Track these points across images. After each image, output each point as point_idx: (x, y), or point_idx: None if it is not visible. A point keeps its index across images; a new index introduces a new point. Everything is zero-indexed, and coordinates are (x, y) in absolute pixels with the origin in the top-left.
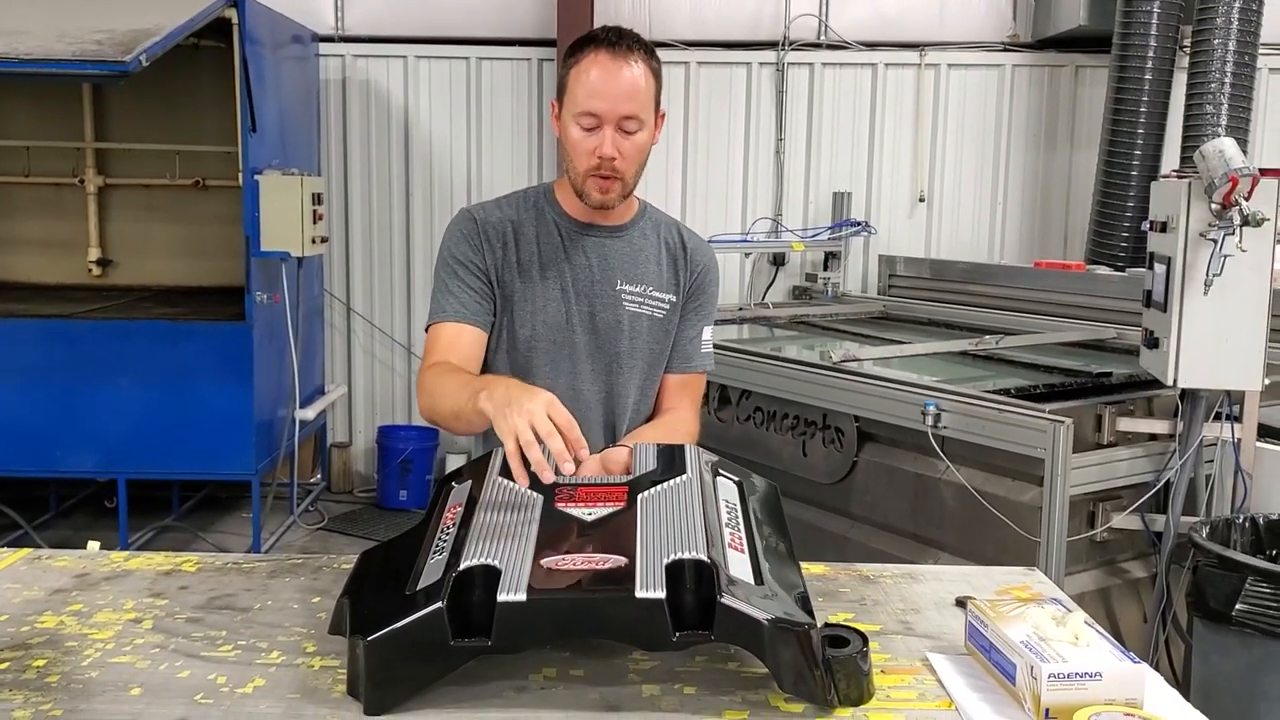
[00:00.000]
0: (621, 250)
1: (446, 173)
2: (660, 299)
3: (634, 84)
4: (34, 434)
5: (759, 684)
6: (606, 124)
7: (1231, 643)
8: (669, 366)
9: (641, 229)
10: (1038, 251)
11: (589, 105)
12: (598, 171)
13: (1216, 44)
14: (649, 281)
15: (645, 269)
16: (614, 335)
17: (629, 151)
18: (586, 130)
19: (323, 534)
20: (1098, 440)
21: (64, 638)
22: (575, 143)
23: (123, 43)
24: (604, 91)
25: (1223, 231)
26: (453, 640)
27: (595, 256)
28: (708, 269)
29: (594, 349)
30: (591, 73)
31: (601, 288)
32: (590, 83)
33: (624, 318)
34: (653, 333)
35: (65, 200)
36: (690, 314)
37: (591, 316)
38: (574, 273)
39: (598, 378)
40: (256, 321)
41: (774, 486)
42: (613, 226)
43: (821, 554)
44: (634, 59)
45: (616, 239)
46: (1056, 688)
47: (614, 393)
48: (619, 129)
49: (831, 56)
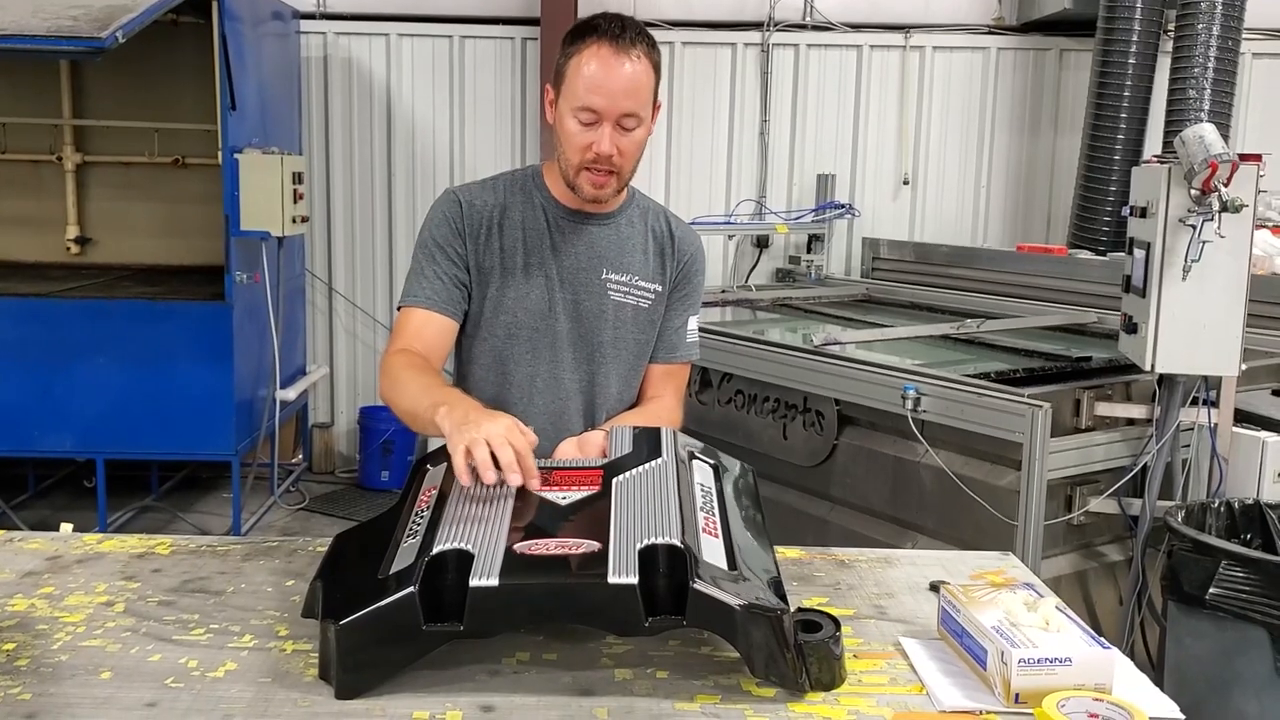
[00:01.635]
0: (609, 238)
1: (429, 152)
2: (646, 289)
3: (635, 80)
4: (12, 413)
5: (731, 668)
6: (605, 121)
7: (1205, 626)
8: (654, 356)
9: (629, 217)
10: (1021, 235)
11: (588, 101)
12: (592, 166)
13: (1200, 29)
14: (635, 271)
15: (632, 258)
16: (598, 324)
17: (627, 148)
18: (584, 125)
19: (304, 514)
20: (1076, 425)
21: (35, 621)
22: (571, 135)
23: (99, 19)
24: (605, 87)
25: (1202, 217)
26: (425, 625)
27: (582, 244)
28: (695, 258)
29: (577, 337)
30: (592, 66)
31: (587, 276)
32: (590, 77)
33: (608, 307)
34: (637, 322)
35: (43, 178)
36: (676, 303)
37: (575, 305)
38: (559, 260)
39: (579, 366)
40: (236, 301)
41: (749, 470)
42: (600, 215)
43: (801, 537)
44: (636, 53)
45: (604, 227)
46: (1026, 673)
47: (596, 381)
48: (618, 125)
49: (816, 38)
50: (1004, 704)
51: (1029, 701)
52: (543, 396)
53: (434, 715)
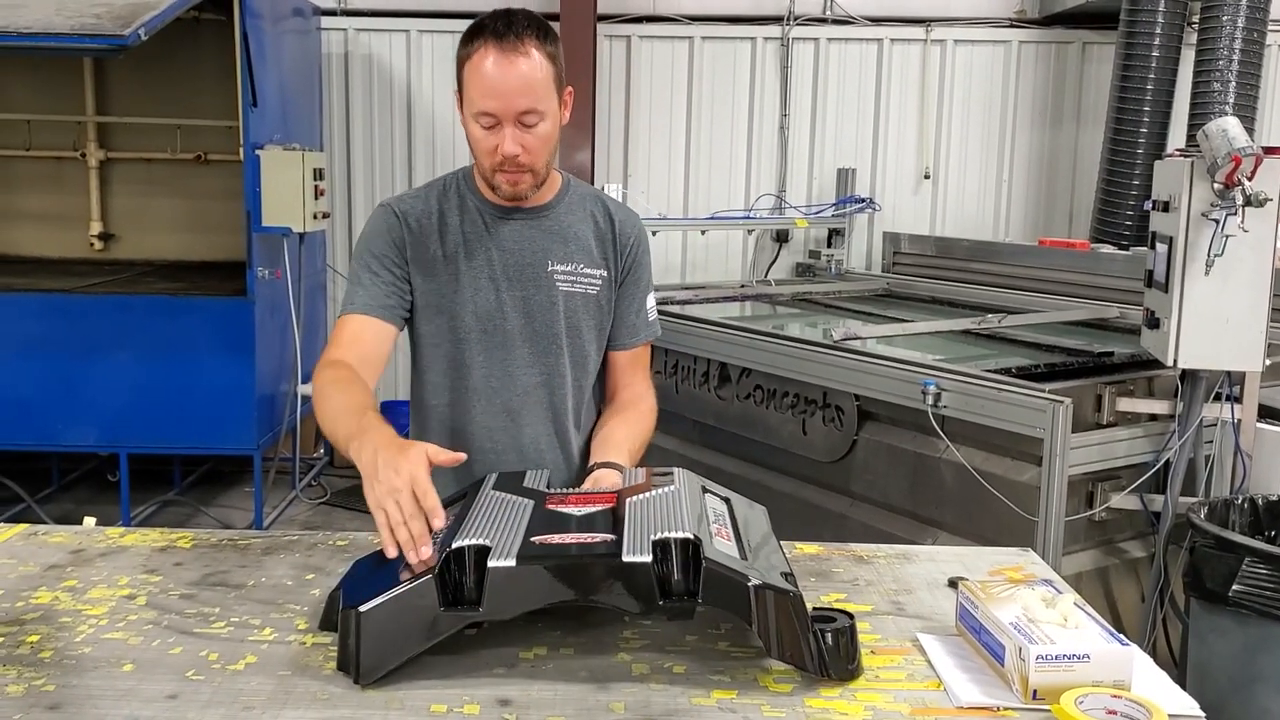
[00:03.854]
0: (549, 229)
1: (449, 148)
2: (592, 275)
3: (528, 78)
4: (36, 408)
5: (748, 663)
6: (505, 122)
7: (1228, 623)
8: (617, 343)
9: (567, 205)
10: (1043, 229)
11: (484, 105)
12: (502, 168)
13: (1225, 21)
14: (579, 259)
15: (574, 246)
16: (549, 317)
17: (532, 145)
18: (486, 129)
19: (325, 509)
20: (1097, 420)
21: (58, 613)
22: (477, 140)
23: (121, 16)
24: (497, 89)
25: (1225, 211)
26: (444, 609)
27: (523, 239)
28: (639, 240)
29: (530, 333)
30: (482, 69)
31: (533, 270)
32: (482, 81)
33: (558, 298)
34: (587, 309)
35: (66, 174)
36: (629, 287)
37: (525, 300)
38: (503, 258)
39: (536, 361)
40: (258, 297)
41: (762, 509)
42: (536, 208)
43: (820, 532)
44: (525, 48)
45: (542, 219)
46: (1044, 669)
47: (553, 373)
48: (518, 124)
49: (837, 32)
50: (1022, 701)
51: (1047, 698)
52: (500, 395)
53: (451, 708)
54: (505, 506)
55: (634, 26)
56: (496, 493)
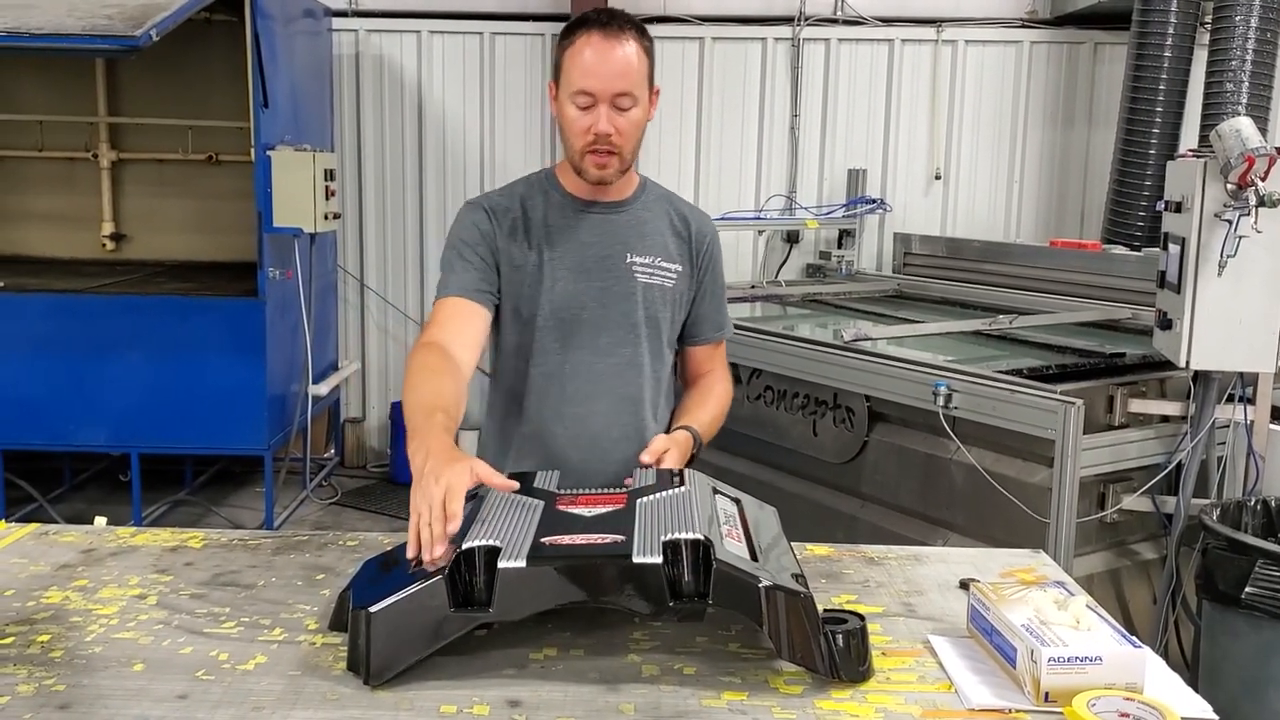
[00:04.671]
0: (628, 223)
1: (460, 148)
2: (669, 269)
3: (627, 62)
4: (48, 408)
5: (759, 664)
6: (601, 102)
7: (1240, 625)
8: (699, 338)
9: (644, 202)
10: (1054, 230)
11: (583, 84)
12: (594, 147)
13: (1238, 20)
14: (657, 252)
15: (652, 240)
16: (627, 307)
17: (624, 128)
18: (582, 109)
19: (336, 509)
20: (1109, 421)
21: (69, 613)
22: (571, 121)
23: (133, 17)
24: (598, 70)
25: (1238, 212)
26: (454, 610)
27: (603, 231)
28: (713, 241)
29: (607, 323)
30: (585, 53)
31: (612, 261)
32: (584, 63)
33: (636, 289)
34: (664, 301)
35: (78, 175)
36: (709, 286)
37: (603, 291)
38: (583, 249)
39: (613, 350)
40: (269, 297)
41: (773, 510)
42: (617, 202)
43: (831, 534)
44: (626, 38)
45: (622, 213)
46: (1056, 671)
47: (630, 363)
48: (613, 106)
49: (847, 32)
50: (1034, 703)
51: (1059, 700)
52: (575, 383)
53: (461, 709)
54: (515, 507)
55: None
56: (506, 494)
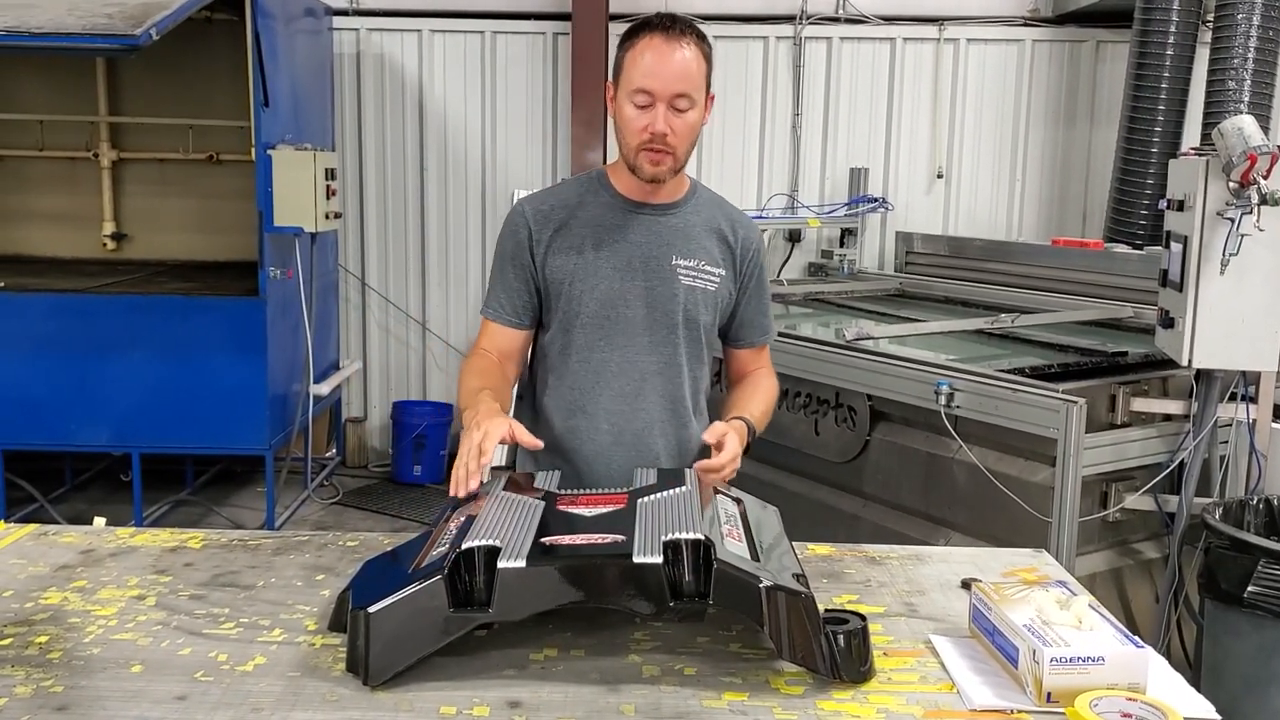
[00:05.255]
0: (675, 226)
1: (461, 147)
2: (712, 273)
3: (686, 65)
4: (49, 408)
5: (760, 665)
6: (659, 101)
7: (1243, 624)
8: (745, 341)
9: (694, 206)
10: (1056, 229)
11: (643, 84)
12: (649, 145)
13: (1240, 19)
14: (701, 256)
15: (698, 244)
16: (670, 308)
17: (680, 129)
18: (640, 108)
19: (337, 508)
20: (1111, 420)
21: (67, 614)
22: (629, 119)
23: (133, 16)
24: (657, 71)
25: (1240, 210)
26: (453, 610)
27: (650, 233)
28: (759, 248)
29: (650, 322)
30: (646, 55)
31: (658, 263)
32: (645, 63)
33: (680, 291)
34: (706, 304)
35: (79, 174)
36: (756, 291)
37: (648, 291)
38: (629, 249)
39: (655, 349)
40: (270, 297)
41: (774, 510)
42: (666, 204)
43: (833, 533)
44: (686, 42)
45: (670, 216)
46: (1058, 671)
47: (670, 363)
48: (671, 107)
49: (849, 31)
50: (1036, 703)
51: (1061, 701)
52: (617, 380)
53: (461, 710)
54: (516, 507)
55: None
56: (507, 494)
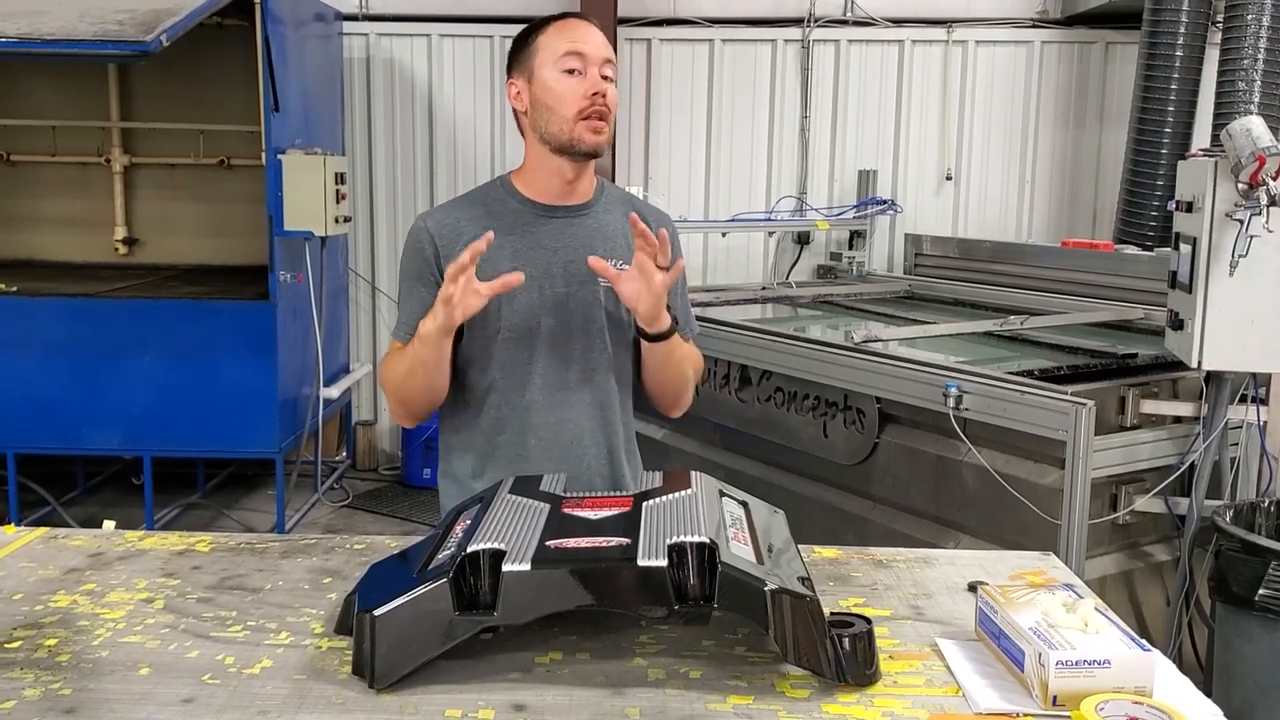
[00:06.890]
0: (591, 227)
1: (470, 151)
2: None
3: (605, 40)
4: (61, 412)
5: (765, 668)
6: (591, 65)
7: (1254, 627)
8: None
9: (604, 204)
10: (1065, 231)
11: (574, 47)
12: (591, 111)
13: (1250, 20)
14: (619, 255)
15: (614, 243)
16: (591, 311)
17: (612, 95)
18: (572, 74)
19: (347, 511)
20: (1121, 422)
21: (76, 617)
22: (565, 90)
23: (144, 22)
24: (586, 37)
25: (1249, 212)
26: (458, 613)
27: (566, 236)
28: (674, 238)
29: (570, 328)
30: (566, 29)
31: (576, 266)
32: (570, 33)
33: (600, 293)
34: None
35: (91, 179)
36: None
37: (566, 297)
38: (547, 255)
39: (578, 356)
40: (280, 300)
41: (781, 513)
42: (577, 206)
43: (841, 536)
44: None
45: (584, 217)
46: (1064, 675)
47: (596, 366)
48: (600, 75)
49: (857, 33)
50: (1041, 707)
51: (1067, 704)
52: (542, 392)
53: (466, 713)
54: (521, 510)
55: (654, 30)
56: (512, 496)
